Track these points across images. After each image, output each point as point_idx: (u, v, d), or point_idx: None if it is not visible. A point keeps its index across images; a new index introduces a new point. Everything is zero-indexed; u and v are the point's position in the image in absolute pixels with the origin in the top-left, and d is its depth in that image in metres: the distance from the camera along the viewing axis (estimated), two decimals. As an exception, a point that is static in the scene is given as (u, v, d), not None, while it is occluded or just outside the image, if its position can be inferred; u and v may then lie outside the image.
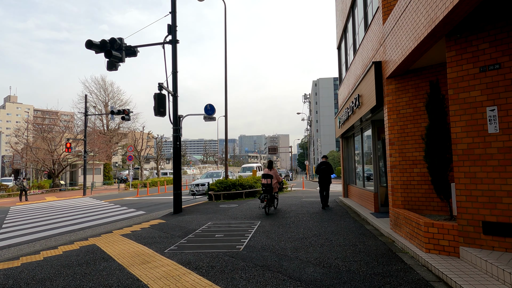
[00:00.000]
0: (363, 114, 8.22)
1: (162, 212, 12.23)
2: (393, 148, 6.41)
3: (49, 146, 31.43)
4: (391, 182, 6.40)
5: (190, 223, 8.99)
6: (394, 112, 6.43)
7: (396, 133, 6.38)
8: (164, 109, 10.57)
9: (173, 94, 11.65)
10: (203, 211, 11.44)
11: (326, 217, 9.18)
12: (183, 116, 12.08)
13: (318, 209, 10.81)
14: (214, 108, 12.11)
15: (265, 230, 7.53)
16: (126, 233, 8.02)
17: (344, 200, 12.84)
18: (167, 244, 6.42)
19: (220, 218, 9.66)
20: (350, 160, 13.36)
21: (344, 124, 11.44)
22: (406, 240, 5.49)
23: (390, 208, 6.53)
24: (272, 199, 10.47)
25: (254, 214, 10.06)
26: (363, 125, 10.11)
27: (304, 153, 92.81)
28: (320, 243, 6.04)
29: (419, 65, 6.05)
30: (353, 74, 10.42)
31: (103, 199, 20.00)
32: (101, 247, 6.51)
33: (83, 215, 12.55)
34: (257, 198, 14.94)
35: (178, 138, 11.71)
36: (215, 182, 15.53)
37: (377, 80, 6.85)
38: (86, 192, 24.64)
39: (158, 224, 9.17)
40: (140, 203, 16.77)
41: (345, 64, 12.72)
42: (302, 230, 7.40)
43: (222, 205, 12.96)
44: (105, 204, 16.84)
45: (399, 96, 6.40)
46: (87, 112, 25.54)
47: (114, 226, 9.55)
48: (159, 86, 10.52)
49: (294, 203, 12.88)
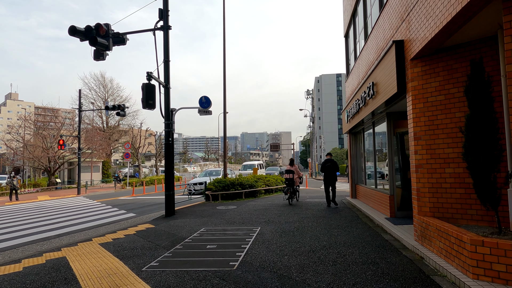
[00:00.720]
0: (378, 104, 7.12)
1: (153, 214, 11.20)
2: (419, 143, 5.32)
3: (43, 143, 30.46)
4: (417, 184, 5.31)
5: (181, 229, 7.95)
6: (420, 100, 5.34)
7: (423, 126, 5.29)
8: (153, 101, 9.50)
9: (165, 85, 10.59)
10: (198, 213, 10.40)
11: (335, 222, 8.11)
12: (176, 110, 11.02)
13: (324, 212, 9.74)
14: (210, 100, 11.04)
15: (265, 239, 6.47)
16: (107, 241, 6.98)
17: (352, 201, 11.77)
18: (148, 259, 5.37)
19: (215, 222, 8.62)
20: (359, 158, 12.27)
21: (354, 118, 10.34)
22: (440, 258, 4.41)
23: (415, 215, 5.45)
24: (294, 191, 12.11)
25: (254, 219, 9.01)
26: (376, 118, 9.02)
27: (306, 150, 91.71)
28: (331, 258, 4.97)
29: (453, 42, 4.95)
30: (364, 61, 9.31)
31: (97, 199, 19.03)
32: (71, 261, 5.47)
33: (70, 217, 11.54)
34: (257, 198, 13.94)
35: (170, 134, 10.66)
36: (212, 182, 14.48)
37: (399, 62, 5.75)
38: (80, 191, 23.66)
39: (145, 230, 8.14)
40: (133, 203, 15.77)
41: (353, 53, 11.61)
42: (308, 239, 6.34)
43: (220, 206, 11.92)
44: (96, 204, 15.84)
45: (426, 80, 5.30)
46: (81, 108, 24.51)
47: (96, 232, 8.52)
48: (148, 76, 9.46)
49: (297, 204, 11.81)
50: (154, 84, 9.59)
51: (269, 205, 11.90)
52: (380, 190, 8.75)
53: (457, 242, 3.91)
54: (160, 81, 10.39)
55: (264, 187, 15.67)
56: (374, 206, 9.30)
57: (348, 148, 13.01)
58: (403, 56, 5.75)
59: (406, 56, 5.65)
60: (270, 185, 16.39)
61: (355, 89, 10.56)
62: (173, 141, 10.86)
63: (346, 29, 12.74)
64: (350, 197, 12.82)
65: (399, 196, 7.91)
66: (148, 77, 9.45)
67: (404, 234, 6.02)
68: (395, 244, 5.66)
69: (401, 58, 5.75)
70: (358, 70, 10.29)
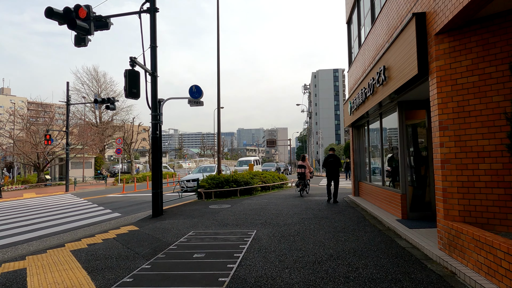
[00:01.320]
0: (390, 91, 6.24)
1: (140, 214, 10.30)
2: (445, 134, 4.45)
3: (32, 138, 29.33)
4: (443, 183, 4.45)
5: (167, 232, 7.06)
6: (447, 83, 4.46)
7: (451, 113, 4.42)
8: (137, 90, 8.56)
9: (151, 73, 9.64)
10: (188, 213, 9.51)
11: (340, 224, 7.26)
12: (164, 100, 10.08)
13: (327, 212, 8.90)
14: (201, 90, 10.10)
15: (262, 245, 5.60)
16: (81, 247, 6.08)
17: (355, 199, 10.93)
18: (122, 272, 4.48)
19: (206, 224, 7.74)
20: (362, 153, 11.43)
21: (359, 109, 9.47)
22: (479, 276, 3.57)
23: (439, 220, 4.60)
24: (305, 184, 13.30)
25: (249, 219, 8.14)
26: (384, 109, 8.15)
27: (303, 146, 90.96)
28: (342, 273, 4.11)
29: (488, 11, 4.07)
30: (371, 46, 8.43)
31: (84, 196, 18.06)
32: (29, 275, 4.57)
33: (49, 217, 10.60)
34: (253, 196, 13.09)
35: (157, 126, 9.74)
36: (205, 178, 13.59)
37: (420, 38, 4.86)
38: (69, 188, 22.63)
39: (127, 233, 7.24)
40: (122, 201, 14.83)
41: (357, 39, 10.71)
42: (311, 246, 5.48)
43: (213, 205, 11.03)
44: (82, 203, 14.88)
45: (455, 59, 4.42)
46: (69, 101, 23.43)
47: (73, 235, 7.60)
48: (131, 61, 8.50)
49: (296, 203, 10.96)
50: (139, 71, 8.64)
51: (266, 203, 11.04)
52: (389, 189, 7.91)
53: (509, 258, 3.06)
54: (146, 68, 9.44)
55: (261, 184, 14.81)
56: (381, 205, 8.47)
57: (351, 143, 12.16)
58: (425, 31, 4.87)
59: (429, 30, 4.76)
60: (267, 182, 15.53)
61: (359, 78, 9.69)
62: (160, 134, 9.94)
63: (348, 15, 11.84)
64: (352, 195, 11.99)
65: (410, 195, 7.07)
66: (131, 62, 8.50)
67: (423, 240, 5.17)
68: (415, 254, 4.80)
69: (423, 34, 4.86)
70: (364, 57, 9.40)
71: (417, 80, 5.30)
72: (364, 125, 10.82)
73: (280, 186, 16.96)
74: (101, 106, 36.26)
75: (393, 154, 8.28)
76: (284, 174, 19.83)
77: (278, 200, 11.81)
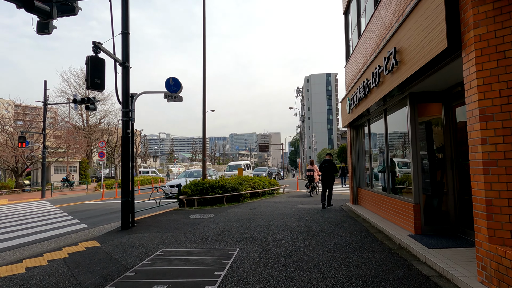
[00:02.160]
0: (404, 78, 5.09)
1: (109, 226, 8.98)
2: (489, 127, 3.29)
3: (9, 141, 27.68)
4: (486, 193, 3.28)
5: (131, 250, 5.78)
6: (491, 57, 3.32)
7: (497, 97, 3.27)
8: (101, 80, 7.26)
9: (122, 63, 8.38)
10: (164, 225, 8.22)
11: (340, 240, 6.04)
12: (137, 95, 8.81)
13: (323, 223, 7.68)
14: (180, 83, 8.82)
15: (243, 272, 4.35)
16: (13, 273, 4.77)
17: (354, 207, 9.75)
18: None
19: (181, 240, 6.46)
20: (362, 156, 10.28)
21: (359, 105, 8.31)
22: None
23: (480, 242, 3.42)
24: (314, 186, 14.56)
25: (233, 233, 6.88)
26: (390, 104, 7.01)
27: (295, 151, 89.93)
28: (352, 322, 2.88)
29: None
30: (374, 32, 7.31)
31: (59, 203, 16.59)
32: None
33: (10, 228, 9.19)
34: (241, 204, 11.83)
35: (129, 124, 8.47)
36: (188, 184, 12.29)
37: (449, 2, 3.71)
38: (45, 194, 21.07)
39: (83, 251, 5.95)
40: (96, 209, 13.44)
41: (356, 28, 9.61)
42: (307, 273, 4.25)
43: (194, 214, 9.75)
44: (53, 211, 13.44)
45: (502, 24, 3.28)
46: (46, 101, 21.95)
47: (15, 255, 6.25)
48: (95, 46, 7.22)
49: (288, 212, 9.72)
50: (103, 59, 7.35)
51: (254, 212, 9.79)
52: (397, 197, 6.73)
53: None
54: (115, 57, 8.19)
55: (250, 191, 13.55)
56: (387, 216, 7.29)
57: (348, 145, 11.01)
58: (455, -8, 3.72)
59: (463, -9, 3.61)
60: (257, 188, 14.28)
61: (360, 70, 8.57)
62: (133, 133, 8.67)
63: (346, 3, 10.75)
64: (350, 203, 10.81)
65: (423, 204, 5.90)
66: (94, 48, 7.22)
67: (452, 267, 3.98)
68: (446, 287, 3.60)
69: (453, -3, 3.72)
70: (365, 47, 8.28)
71: (443, 59, 4.14)
72: (364, 124, 9.68)
73: (271, 192, 15.71)
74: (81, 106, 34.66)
75: (401, 156, 7.14)
76: (275, 180, 18.58)
77: (268, 209, 10.57)
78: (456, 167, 5.71)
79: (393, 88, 5.65)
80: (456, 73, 4.72)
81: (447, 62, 4.21)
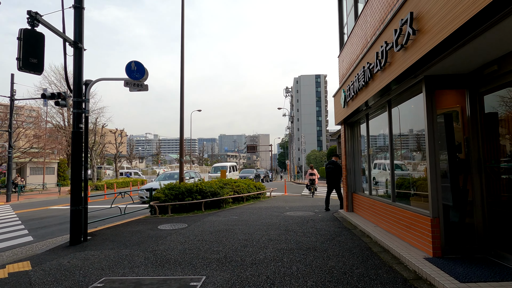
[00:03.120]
0: (423, 53, 3.82)
1: (59, 239, 7.54)
2: None
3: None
4: None
5: (64, 279, 4.37)
6: None
7: None
8: (39, 60, 5.79)
9: (74, 42, 6.93)
10: (124, 239, 6.80)
11: (337, 263, 4.72)
12: (92, 82, 7.35)
13: (315, 237, 6.36)
14: (144, 68, 7.38)
15: (202, 323, 2.98)
16: None
17: (348, 216, 8.48)
18: None
19: (134, 262, 5.06)
20: (357, 157, 9.04)
21: (358, 96, 7.03)
22: None
23: None
24: (315, 188, 15.81)
25: (203, 251, 5.50)
26: (396, 93, 5.75)
27: (284, 152, 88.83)
28: None
29: None
30: (377, 7, 6.05)
31: (22, 208, 14.93)
32: None
33: None
34: (222, 210, 10.45)
35: (81, 117, 7.03)
36: (162, 188, 10.83)
37: None
38: (10, 198, 19.24)
39: (4, 279, 4.50)
40: (58, 216, 11.88)
41: (352, 10, 8.37)
42: (294, 324, 2.91)
43: (164, 224, 8.33)
44: (8, 217, 11.82)
45: None
46: (13, 97, 20.15)
47: None
48: (31, 17, 5.76)
49: (273, 222, 8.38)
50: (42, 34, 5.89)
51: (234, 222, 8.42)
52: (407, 207, 5.45)
53: None
54: (64, 35, 6.75)
55: (232, 195, 12.17)
56: (392, 230, 6.02)
57: (343, 144, 9.74)
58: None
59: None
60: (241, 191, 12.91)
61: (358, 56, 7.31)
62: (86, 128, 7.25)
63: (340, -15, 9.51)
64: (344, 210, 9.54)
65: (442, 217, 4.63)
66: (30, 19, 5.75)
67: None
68: None
69: None
70: (364, 28, 7.03)
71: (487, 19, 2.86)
72: (361, 121, 8.45)
73: (257, 197, 14.35)
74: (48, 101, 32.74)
75: (408, 157, 5.89)
76: (261, 183, 17.24)
77: (251, 217, 9.22)
78: (484, 170, 4.47)
79: (407, 67, 4.36)
80: (495, 44, 3.49)
81: (492, 23, 2.94)
